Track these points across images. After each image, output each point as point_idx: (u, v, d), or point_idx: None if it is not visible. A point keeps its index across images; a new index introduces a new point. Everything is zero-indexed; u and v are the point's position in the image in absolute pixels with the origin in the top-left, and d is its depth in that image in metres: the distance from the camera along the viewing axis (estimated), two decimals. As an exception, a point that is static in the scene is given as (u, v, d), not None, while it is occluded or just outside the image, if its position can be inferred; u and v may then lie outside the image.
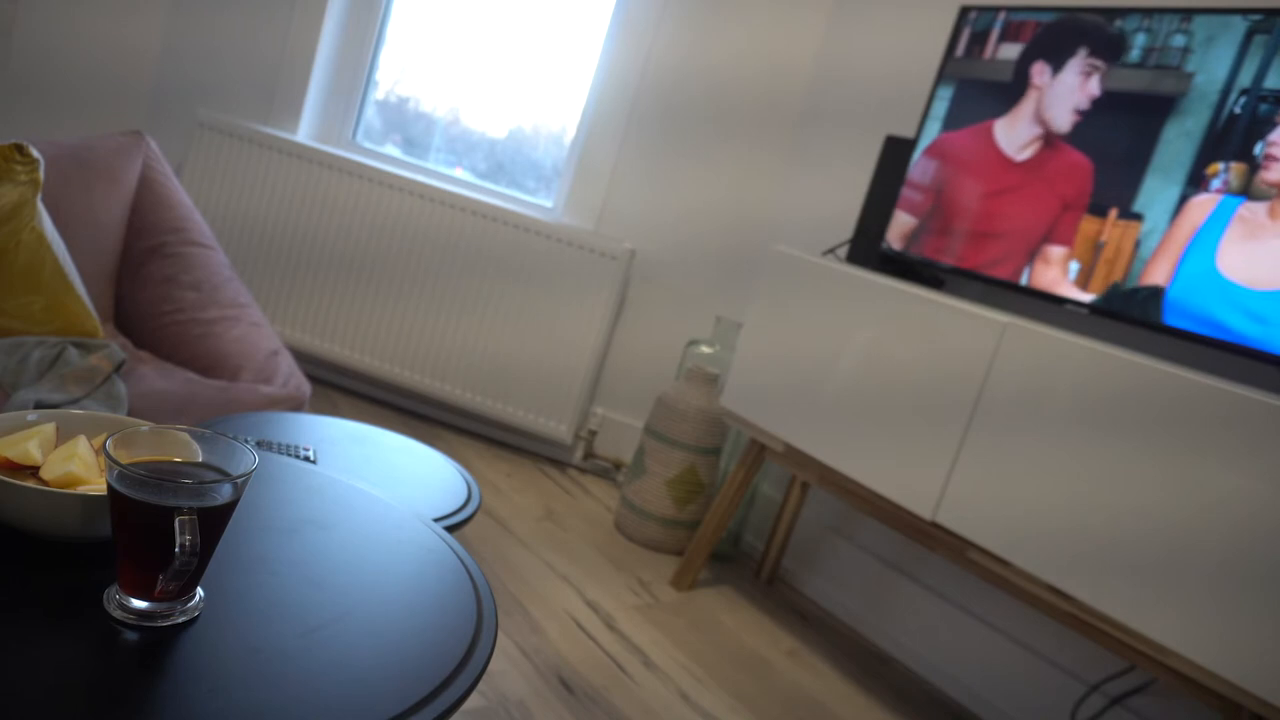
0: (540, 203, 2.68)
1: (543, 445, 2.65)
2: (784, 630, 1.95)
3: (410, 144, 2.79)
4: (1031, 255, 1.61)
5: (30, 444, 0.63)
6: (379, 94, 2.77)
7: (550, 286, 2.47)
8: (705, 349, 2.30)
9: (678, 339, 2.60)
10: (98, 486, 0.62)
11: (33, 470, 0.63)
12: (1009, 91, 1.69)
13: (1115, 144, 1.51)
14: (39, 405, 1.34)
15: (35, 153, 1.48)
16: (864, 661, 1.90)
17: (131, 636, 0.57)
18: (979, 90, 1.74)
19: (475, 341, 2.52)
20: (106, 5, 2.47)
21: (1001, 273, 1.65)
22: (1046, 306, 1.79)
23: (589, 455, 2.63)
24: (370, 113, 2.76)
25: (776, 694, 1.67)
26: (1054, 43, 1.62)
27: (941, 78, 1.81)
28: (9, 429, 0.66)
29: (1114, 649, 1.29)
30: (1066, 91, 1.59)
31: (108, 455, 0.55)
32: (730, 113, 2.48)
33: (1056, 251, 1.57)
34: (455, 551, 0.81)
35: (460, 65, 2.73)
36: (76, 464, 0.62)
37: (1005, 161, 1.68)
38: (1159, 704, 1.55)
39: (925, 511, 1.51)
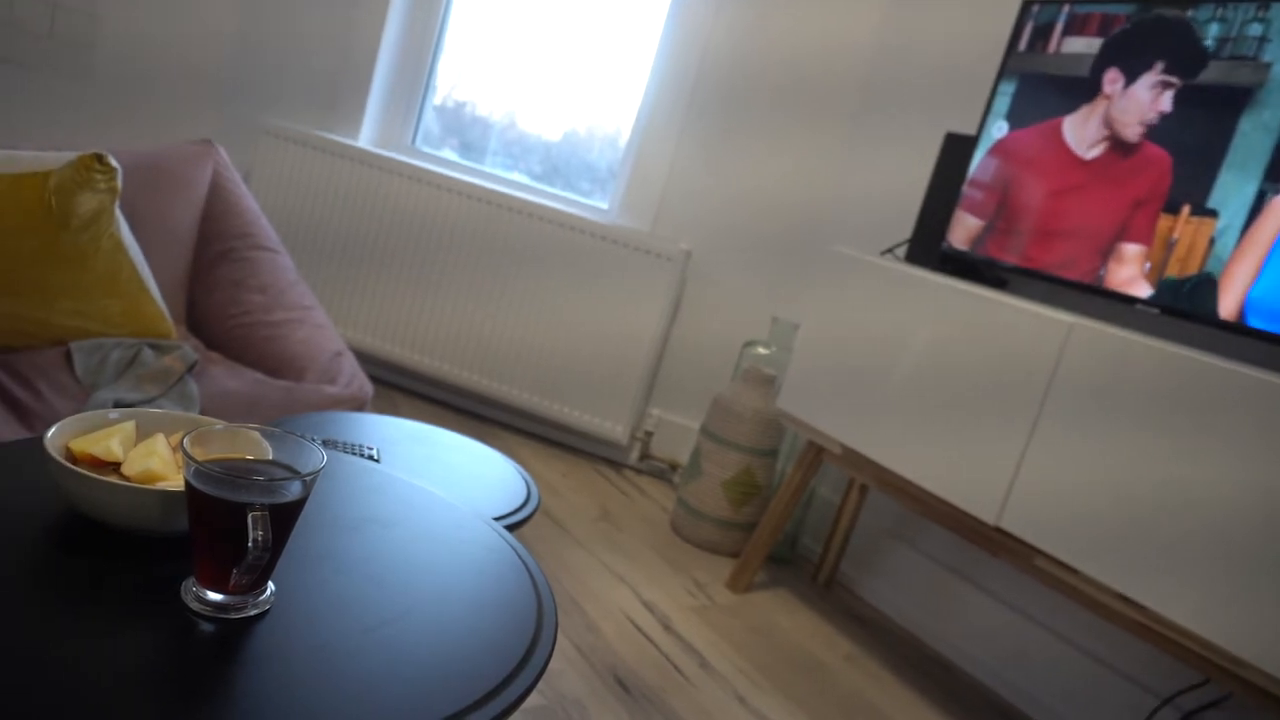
0: (596, 204, 2.69)
1: (599, 446, 2.67)
2: (841, 634, 1.93)
3: (467, 148, 2.83)
4: (1103, 254, 1.57)
5: (113, 441, 0.66)
6: (436, 99, 2.81)
7: (606, 288, 2.48)
8: (761, 350, 2.29)
9: (734, 340, 2.59)
10: (175, 482, 0.64)
11: (115, 466, 0.66)
12: (1076, 88, 1.64)
13: (1189, 139, 1.46)
14: (118, 404, 1.39)
15: (114, 162, 1.54)
16: (924, 667, 1.87)
17: (207, 627, 0.58)
18: (1044, 86, 1.70)
19: (532, 342, 2.55)
20: (178, 21, 2.55)
21: (1071, 273, 1.61)
22: (1115, 306, 1.73)
23: (645, 456, 2.63)
24: (429, 118, 2.81)
25: (834, 699, 1.65)
26: (1125, 47, 1.58)
27: (1004, 73, 1.77)
28: (92, 426, 0.69)
29: (1187, 660, 1.25)
30: (1138, 98, 1.55)
31: (185, 453, 0.57)
32: (787, 107, 2.47)
33: (1131, 250, 1.53)
34: (516, 551, 0.82)
35: (515, 69, 2.76)
36: (156, 461, 0.64)
37: (1073, 159, 1.63)
38: None
39: (989, 516, 1.48)
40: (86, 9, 2.36)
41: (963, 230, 1.81)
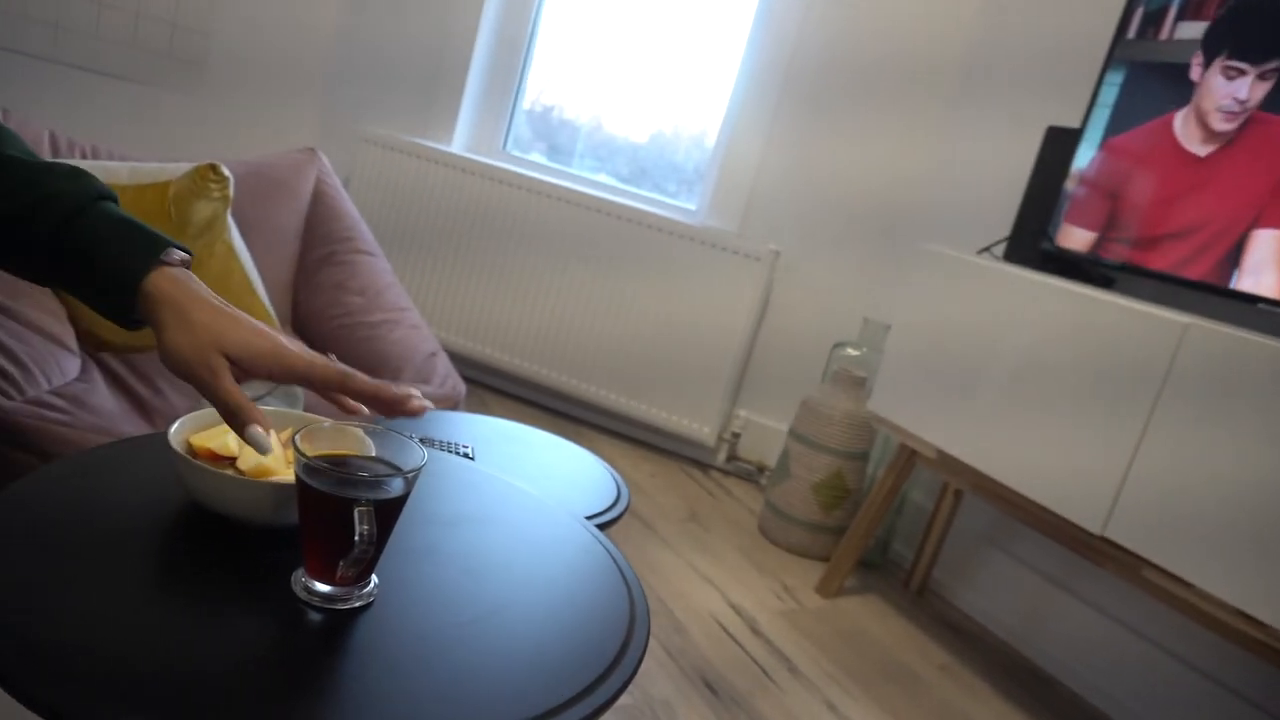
0: (684, 205, 2.69)
1: (686, 446, 2.66)
2: (935, 643, 1.88)
3: (555, 151, 2.87)
4: (1226, 251, 1.48)
5: (229, 437, 0.69)
6: (525, 103, 2.86)
7: (694, 289, 2.48)
8: (852, 351, 2.25)
9: (822, 341, 2.55)
10: (286, 477, 0.67)
11: (231, 461, 0.69)
12: (1190, 78, 1.56)
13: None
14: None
15: (226, 171, 1.62)
16: (1023, 680, 1.81)
17: (315, 617, 0.61)
18: (1154, 76, 1.62)
19: (620, 343, 2.56)
20: (282, 37, 2.67)
21: (1189, 271, 1.53)
22: (1235, 306, 1.64)
23: (732, 457, 2.62)
24: (520, 122, 2.86)
25: (928, 710, 1.61)
26: (1231, 30, 1.49)
27: (1111, 62, 1.69)
28: (210, 423, 0.73)
29: (1316, 683, 1.17)
30: (1243, 85, 1.46)
31: (296, 449, 0.60)
32: (880, 101, 2.42)
33: (1263, 235, 1.43)
34: (608, 550, 0.83)
35: (602, 72, 2.79)
36: (269, 457, 0.67)
37: (1187, 154, 1.55)
38: (1370, 747, 1.40)
39: (1094, 525, 1.42)
40: (201, 28, 2.49)
41: (1066, 228, 1.74)
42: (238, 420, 0.62)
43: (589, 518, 1.07)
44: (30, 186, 0.62)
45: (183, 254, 0.66)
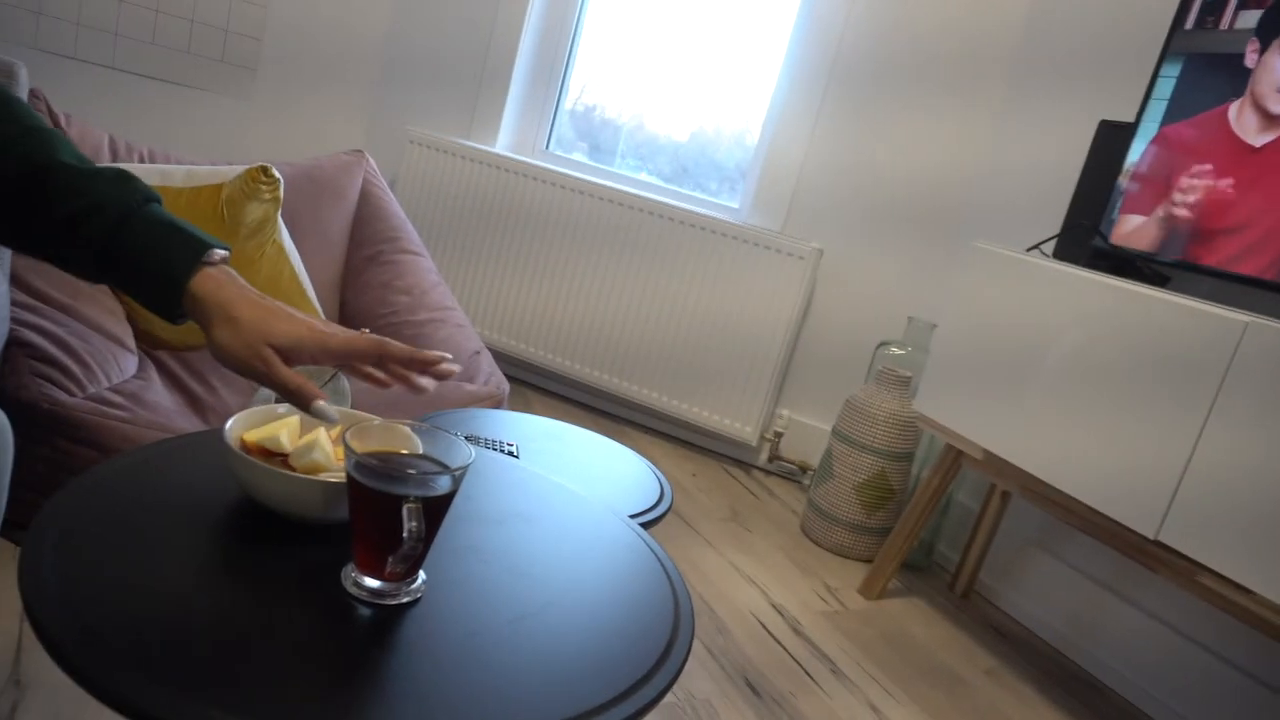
0: (726, 204, 2.68)
1: (728, 446, 2.66)
2: (981, 647, 1.85)
3: (596, 150, 2.88)
4: None
5: (282, 435, 0.71)
6: (567, 103, 2.88)
7: (736, 287, 2.47)
8: (896, 350, 2.22)
9: (866, 340, 2.53)
10: (336, 474, 0.68)
11: (283, 457, 0.70)
12: (1245, 66, 1.51)
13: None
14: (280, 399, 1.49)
15: (277, 173, 1.65)
16: (1071, 687, 1.77)
17: (364, 612, 0.62)
18: (1212, 67, 1.57)
19: (662, 342, 2.56)
20: (329, 42, 2.71)
21: (1242, 266, 1.48)
22: (1296, 304, 1.59)
23: (774, 457, 2.60)
24: (562, 122, 2.88)
25: (973, 715, 1.59)
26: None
27: (1167, 53, 1.65)
28: (263, 420, 0.74)
29: (1383, 695, 1.13)
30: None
31: (347, 447, 0.61)
32: (925, 97, 2.39)
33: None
34: (652, 549, 0.83)
35: (643, 72, 2.79)
36: (319, 453, 0.69)
37: (1243, 145, 1.51)
38: None
39: (1147, 529, 1.38)
40: (253, 34, 2.54)
41: (1119, 225, 1.70)
42: (302, 399, 0.66)
43: (632, 516, 1.08)
44: (79, 194, 0.64)
45: (222, 252, 0.68)
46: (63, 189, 0.64)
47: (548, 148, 2.87)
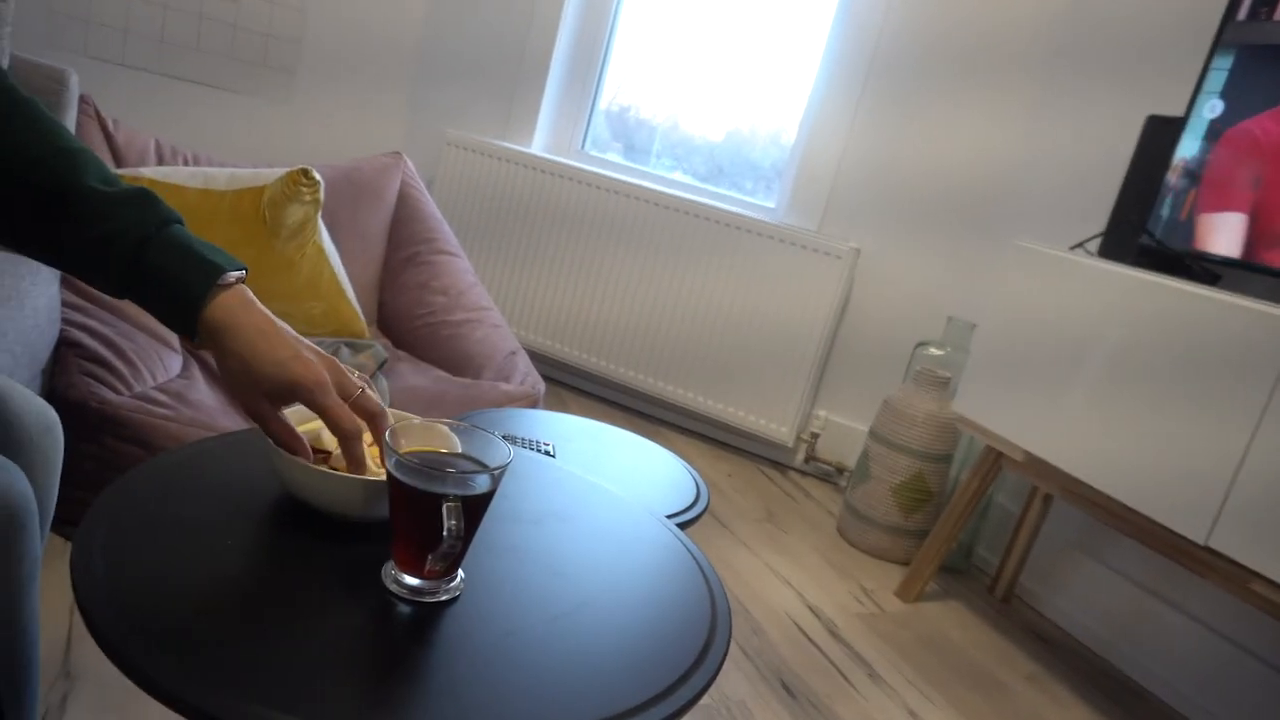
0: (762, 203, 2.67)
1: (764, 446, 2.64)
2: (1022, 652, 1.82)
3: (631, 150, 2.88)
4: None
5: (324, 433, 0.72)
6: (602, 104, 2.88)
7: (773, 287, 2.46)
8: (935, 351, 2.20)
9: (904, 341, 2.50)
10: (376, 472, 0.69)
11: (325, 456, 0.71)
12: (1305, 57, 1.47)
13: None
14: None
15: (317, 175, 1.68)
16: (1114, 694, 1.74)
17: (404, 609, 0.62)
18: (1267, 59, 1.53)
19: (698, 342, 2.56)
20: (369, 44, 2.75)
21: (1294, 265, 1.44)
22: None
23: (811, 458, 2.59)
24: (598, 122, 2.88)
25: (1015, 720, 1.56)
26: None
27: (1218, 45, 1.61)
28: (304, 419, 0.75)
29: None
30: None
31: (387, 445, 0.61)
32: (965, 92, 2.35)
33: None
34: (689, 550, 0.83)
35: (677, 72, 2.78)
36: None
37: (1299, 137, 1.46)
38: None
39: (1197, 534, 1.35)
40: (293, 37, 2.58)
41: (1167, 222, 1.66)
42: (290, 450, 0.68)
43: (669, 517, 1.07)
44: (103, 219, 0.65)
45: (237, 273, 0.68)
46: (87, 213, 0.66)
47: (583, 148, 2.88)
